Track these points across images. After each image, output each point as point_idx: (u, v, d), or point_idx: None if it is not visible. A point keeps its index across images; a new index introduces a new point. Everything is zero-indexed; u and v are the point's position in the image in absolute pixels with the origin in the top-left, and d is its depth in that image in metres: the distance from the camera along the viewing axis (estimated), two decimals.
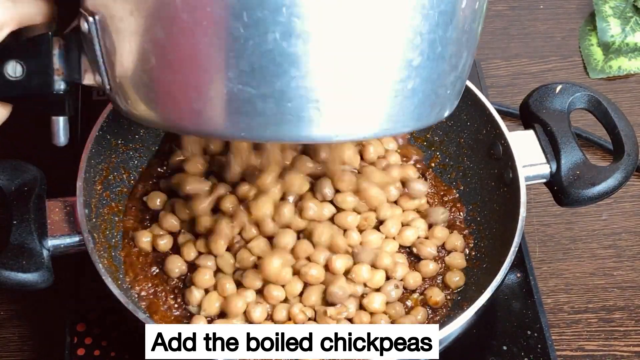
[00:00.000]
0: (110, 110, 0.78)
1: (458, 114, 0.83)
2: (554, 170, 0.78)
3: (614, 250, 0.89)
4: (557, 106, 0.81)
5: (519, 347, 0.77)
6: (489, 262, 0.77)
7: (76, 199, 0.73)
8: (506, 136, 0.78)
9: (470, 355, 0.77)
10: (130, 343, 0.75)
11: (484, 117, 0.81)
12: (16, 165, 0.74)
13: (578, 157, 0.78)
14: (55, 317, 0.80)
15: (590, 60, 1.02)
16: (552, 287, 0.86)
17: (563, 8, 1.08)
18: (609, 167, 0.78)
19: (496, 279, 0.71)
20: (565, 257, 0.88)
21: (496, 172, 0.80)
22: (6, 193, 0.73)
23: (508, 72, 1.02)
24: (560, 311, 0.84)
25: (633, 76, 1.02)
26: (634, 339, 0.83)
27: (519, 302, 0.80)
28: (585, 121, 0.93)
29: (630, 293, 0.85)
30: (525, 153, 0.78)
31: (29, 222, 0.71)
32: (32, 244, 0.70)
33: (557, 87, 0.81)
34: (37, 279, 0.69)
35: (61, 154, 0.85)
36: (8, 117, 0.62)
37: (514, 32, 1.06)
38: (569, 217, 0.90)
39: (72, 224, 0.73)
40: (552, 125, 0.79)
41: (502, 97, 0.98)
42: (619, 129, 0.79)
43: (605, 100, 0.81)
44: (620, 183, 0.78)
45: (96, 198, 0.77)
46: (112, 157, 0.80)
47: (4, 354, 0.80)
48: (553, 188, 0.79)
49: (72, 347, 0.75)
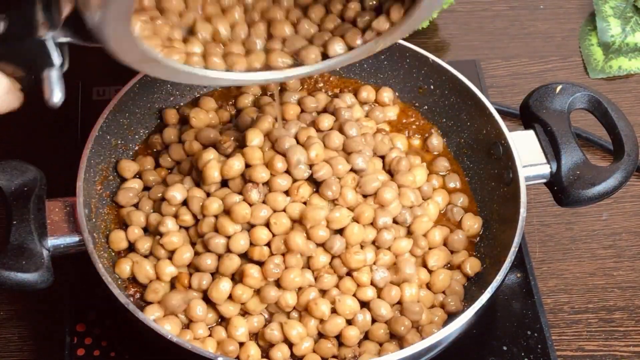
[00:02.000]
0: (110, 111, 0.78)
1: (458, 114, 0.84)
2: (554, 171, 0.78)
3: (614, 250, 0.89)
4: (557, 106, 0.81)
5: (519, 347, 0.77)
6: (489, 262, 0.77)
7: (76, 199, 0.73)
8: (506, 136, 0.78)
9: (470, 355, 0.77)
10: (130, 343, 0.75)
11: (484, 117, 0.81)
12: (16, 165, 0.74)
13: (578, 157, 0.78)
14: (55, 317, 0.80)
15: (590, 60, 1.02)
16: (552, 287, 0.86)
17: (563, 8, 1.08)
18: (609, 167, 0.78)
19: (496, 279, 0.71)
20: (565, 257, 0.88)
21: (496, 172, 0.80)
22: (6, 193, 0.73)
23: (508, 72, 1.02)
24: (560, 311, 0.84)
25: (633, 76, 1.02)
26: (634, 339, 0.83)
27: (519, 302, 0.80)
28: (585, 121, 0.93)
29: (630, 293, 0.85)
30: (526, 153, 0.78)
31: (29, 222, 0.71)
32: (32, 244, 0.70)
33: (557, 87, 0.82)
34: (37, 279, 0.69)
35: (61, 154, 0.85)
36: (18, 106, 0.62)
37: (514, 32, 1.05)
38: (569, 217, 0.90)
39: (72, 224, 0.73)
40: (552, 125, 0.79)
41: (502, 97, 0.98)
42: (619, 129, 0.79)
43: (605, 100, 0.81)
44: (621, 183, 0.78)
45: (96, 198, 0.77)
46: (112, 157, 0.80)
47: (3, 354, 0.80)
48: (553, 188, 0.79)
49: (72, 347, 0.75)
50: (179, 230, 0.74)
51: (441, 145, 0.84)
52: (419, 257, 0.77)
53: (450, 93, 0.84)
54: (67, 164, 0.78)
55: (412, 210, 0.77)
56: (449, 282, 0.76)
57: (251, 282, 0.71)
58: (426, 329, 0.72)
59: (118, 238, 0.75)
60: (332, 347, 0.72)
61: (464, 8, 1.07)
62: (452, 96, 0.84)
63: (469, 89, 0.81)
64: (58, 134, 0.92)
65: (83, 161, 0.75)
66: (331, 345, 0.72)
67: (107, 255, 0.75)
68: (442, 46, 1.03)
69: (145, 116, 0.83)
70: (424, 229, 0.77)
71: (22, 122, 0.94)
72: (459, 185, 0.82)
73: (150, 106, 0.83)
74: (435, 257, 0.76)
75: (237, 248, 0.72)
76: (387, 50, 0.85)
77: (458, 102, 0.83)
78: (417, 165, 0.81)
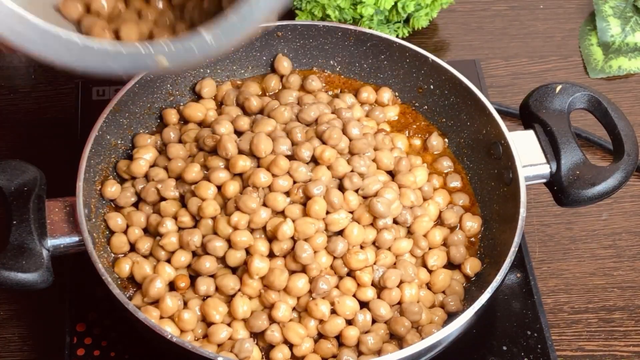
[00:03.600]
0: (110, 111, 0.78)
1: (458, 114, 0.83)
2: (554, 171, 0.78)
3: (614, 250, 0.89)
4: (557, 106, 0.81)
5: (519, 347, 0.77)
6: (489, 262, 0.77)
7: (76, 199, 0.73)
8: (506, 136, 0.78)
9: (470, 355, 0.77)
10: (130, 343, 0.75)
11: (484, 117, 0.81)
12: (16, 165, 0.74)
13: (578, 157, 0.78)
14: (55, 317, 0.80)
15: (590, 60, 1.02)
16: (552, 287, 0.86)
17: (563, 8, 1.08)
18: (609, 167, 0.78)
19: (496, 279, 0.71)
20: (565, 257, 0.88)
21: (496, 172, 0.80)
22: (6, 193, 0.73)
23: (508, 72, 1.02)
24: (560, 311, 0.84)
25: (633, 76, 1.02)
26: (634, 339, 0.83)
27: (519, 302, 0.80)
28: (585, 121, 0.93)
29: (630, 293, 0.85)
30: (525, 153, 0.78)
31: (29, 222, 0.71)
32: (32, 244, 0.70)
33: (557, 87, 0.81)
34: (37, 279, 0.69)
35: (61, 154, 0.85)
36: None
37: (514, 32, 1.05)
38: (569, 217, 0.90)
39: (71, 224, 0.73)
40: (552, 125, 0.79)
41: (502, 97, 0.98)
42: (619, 129, 0.79)
43: (605, 100, 0.81)
44: (621, 183, 0.78)
45: (96, 198, 0.77)
46: (112, 157, 0.80)
47: (4, 354, 0.80)
48: (553, 188, 0.79)
49: (72, 347, 0.75)
50: (177, 231, 0.74)
51: (441, 145, 0.84)
52: (419, 257, 0.77)
53: (450, 93, 0.84)
54: (67, 164, 0.78)
55: (413, 211, 0.77)
56: (449, 282, 0.76)
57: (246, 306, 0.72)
58: (426, 329, 0.72)
59: (120, 242, 0.75)
60: (332, 348, 0.72)
61: (464, 8, 1.07)
62: (451, 96, 0.84)
63: (469, 88, 0.81)
64: (58, 134, 0.92)
65: (83, 161, 0.75)
66: (331, 345, 0.72)
67: (107, 255, 0.75)
68: (442, 46, 1.03)
69: (145, 116, 0.83)
70: (425, 229, 0.77)
71: (22, 122, 0.94)
72: (459, 185, 0.82)
73: (150, 106, 0.83)
74: (435, 257, 0.76)
75: (234, 261, 0.72)
76: (386, 50, 0.85)
77: (458, 102, 0.83)
78: (417, 165, 0.81)
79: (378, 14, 0.97)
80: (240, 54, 0.86)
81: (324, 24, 0.86)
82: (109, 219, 0.76)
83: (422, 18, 0.99)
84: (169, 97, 0.85)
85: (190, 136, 0.80)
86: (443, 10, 1.03)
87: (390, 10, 0.98)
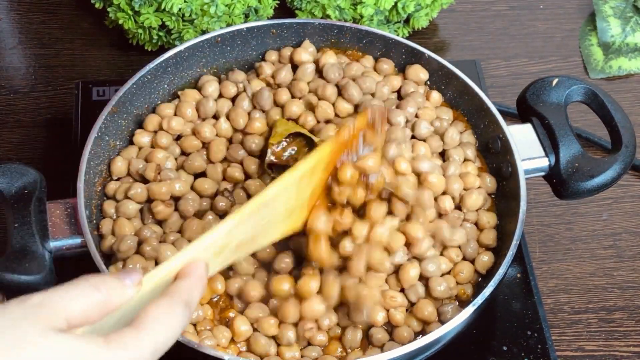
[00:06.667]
0: (109, 112, 0.78)
1: (455, 109, 0.84)
2: (553, 163, 0.78)
3: (614, 250, 0.89)
4: (554, 99, 0.81)
5: (519, 347, 0.77)
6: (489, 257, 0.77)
7: (76, 200, 0.73)
8: (504, 130, 0.78)
9: (470, 355, 0.77)
10: None
11: (482, 112, 0.81)
12: (16, 168, 0.74)
13: (576, 149, 0.78)
14: None
15: (590, 60, 1.02)
16: (552, 287, 0.86)
17: (563, 8, 1.08)
18: (607, 159, 0.78)
19: (499, 271, 0.70)
20: (565, 257, 0.88)
21: (495, 166, 0.80)
22: (7, 196, 0.72)
23: (508, 72, 1.02)
24: (560, 311, 0.84)
25: (633, 76, 1.02)
26: (634, 339, 0.83)
27: (519, 302, 0.80)
28: (585, 121, 0.93)
29: (630, 293, 0.86)
30: (524, 146, 0.78)
31: (30, 224, 0.71)
32: (34, 247, 0.70)
33: (554, 81, 0.81)
34: (39, 281, 0.69)
35: (60, 156, 0.85)
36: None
37: (514, 32, 1.06)
38: (569, 217, 0.90)
39: (73, 226, 0.73)
40: (550, 118, 0.79)
41: (502, 97, 0.98)
42: (616, 121, 0.79)
43: (601, 93, 0.81)
44: (619, 175, 0.78)
45: (96, 199, 0.77)
46: (112, 158, 0.80)
47: None
48: (552, 181, 0.79)
49: None
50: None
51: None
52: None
53: (447, 88, 0.84)
54: (66, 166, 0.78)
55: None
56: (472, 275, 0.75)
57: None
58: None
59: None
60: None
61: (464, 8, 1.07)
62: (448, 91, 0.84)
63: (466, 84, 0.81)
64: (57, 134, 0.92)
65: (83, 162, 0.75)
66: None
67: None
68: (442, 46, 1.03)
69: (144, 117, 0.83)
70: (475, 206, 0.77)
71: (21, 124, 0.94)
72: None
73: (149, 106, 0.83)
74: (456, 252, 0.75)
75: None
76: (383, 46, 0.85)
77: (455, 97, 0.83)
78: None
79: (378, 14, 0.97)
80: (236, 52, 0.86)
81: (319, 21, 0.86)
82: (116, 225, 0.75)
83: (422, 18, 0.99)
84: (168, 97, 0.85)
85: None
86: (443, 10, 1.03)
87: (390, 10, 0.98)
